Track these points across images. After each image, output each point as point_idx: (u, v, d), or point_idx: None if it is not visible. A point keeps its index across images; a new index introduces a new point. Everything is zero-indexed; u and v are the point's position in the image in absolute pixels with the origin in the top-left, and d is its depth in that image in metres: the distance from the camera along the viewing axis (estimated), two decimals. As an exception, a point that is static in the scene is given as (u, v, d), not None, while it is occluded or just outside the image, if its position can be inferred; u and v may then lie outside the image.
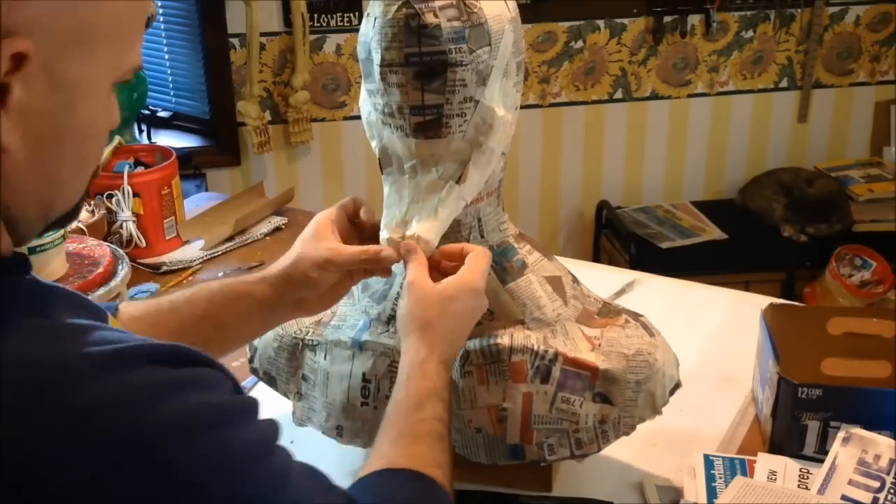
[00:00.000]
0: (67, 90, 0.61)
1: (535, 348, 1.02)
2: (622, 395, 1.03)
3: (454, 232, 1.03)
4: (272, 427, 0.67)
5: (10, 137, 0.59)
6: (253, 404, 0.66)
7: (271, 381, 1.15)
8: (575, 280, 1.12)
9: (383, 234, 0.98)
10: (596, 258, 3.10)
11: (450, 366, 0.93)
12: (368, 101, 1.00)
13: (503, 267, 1.05)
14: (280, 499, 0.64)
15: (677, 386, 1.09)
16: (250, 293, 0.98)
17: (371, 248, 0.97)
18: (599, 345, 1.04)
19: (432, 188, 0.97)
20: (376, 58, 0.94)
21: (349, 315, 1.11)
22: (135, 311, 0.97)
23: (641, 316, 1.12)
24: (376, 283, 1.09)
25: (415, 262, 0.94)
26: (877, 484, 1.06)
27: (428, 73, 0.93)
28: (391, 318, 1.07)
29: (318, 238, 0.98)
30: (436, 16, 0.91)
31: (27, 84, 0.58)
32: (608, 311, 1.10)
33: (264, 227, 1.91)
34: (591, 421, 1.03)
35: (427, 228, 0.96)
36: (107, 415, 0.57)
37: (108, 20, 0.62)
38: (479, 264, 0.95)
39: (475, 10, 0.93)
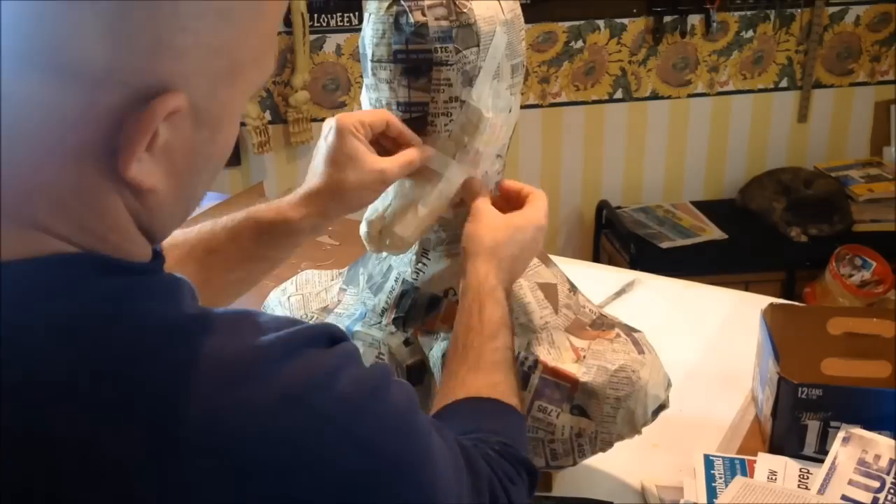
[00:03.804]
0: (212, 124, 0.60)
1: (516, 353, 1.01)
2: (600, 410, 1.01)
3: (444, 230, 1.04)
4: (407, 386, 0.70)
5: (155, 178, 0.58)
6: (386, 366, 0.70)
7: None
8: (573, 289, 1.10)
9: (363, 228, 0.99)
10: (596, 258, 3.10)
11: (510, 294, 0.95)
12: (366, 96, 1.01)
13: None
14: (431, 447, 0.67)
15: (662, 407, 1.06)
16: (300, 229, 0.96)
17: (415, 157, 0.95)
18: (585, 357, 1.03)
19: (415, 185, 0.98)
20: (368, 53, 0.96)
21: (351, 304, 1.12)
22: (178, 254, 0.95)
23: (638, 332, 1.10)
24: (378, 274, 1.10)
25: (481, 201, 0.97)
26: (877, 484, 1.06)
27: (414, 71, 0.94)
28: (384, 311, 1.07)
29: (359, 159, 0.94)
30: (424, 14, 0.92)
31: (174, 126, 0.57)
32: (601, 324, 1.08)
33: (264, 227, 1.90)
34: (568, 433, 1.02)
35: (404, 225, 0.97)
36: (295, 399, 0.59)
37: (256, 45, 0.61)
38: (542, 203, 0.98)
39: (465, 10, 0.93)
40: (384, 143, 0.97)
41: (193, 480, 0.55)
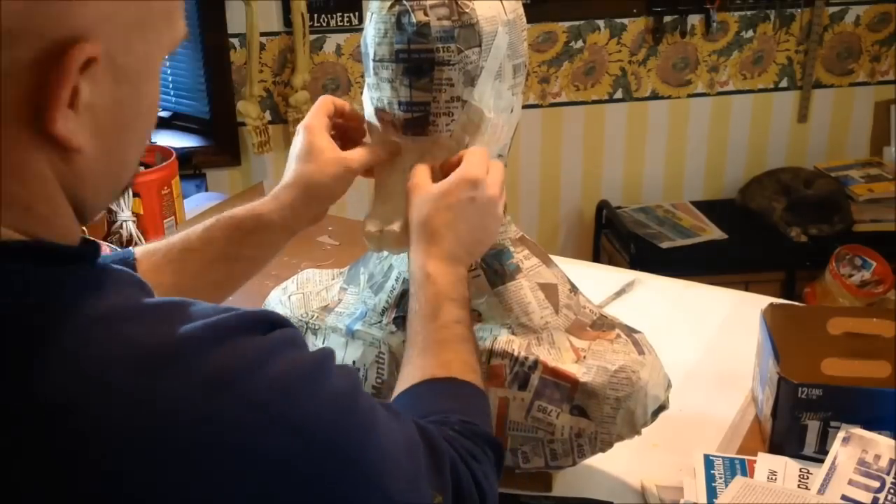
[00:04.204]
0: (132, 79, 0.61)
1: (516, 354, 1.01)
2: (600, 411, 1.01)
3: None
4: (350, 368, 0.71)
5: (81, 137, 0.58)
6: (330, 351, 0.69)
7: None
8: (573, 290, 1.10)
9: (364, 226, 1.00)
10: (596, 258, 3.10)
11: (462, 261, 0.94)
12: (368, 96, 1.02)
13: (494, 270, 1.05)
14: (375, 428, 0.67)
15: (662, 408, 1.06)
16: (271, 223, 0.98)
17: (381, 150, 1.00)
18: (585, 357, 1.03)
19: None
20: (370, 52, 0.97)
21: (351, 303, 1.12)
22: (154, 259, 0.97)
23: (638, 332, 1.10)
24: (378, 274, 1.10)
25: (418, 167, 0.97)
26: (877, 484, 1.06)
27: (415, 70, 0.95)
28: (385, 310, 1.07)
29: (322, 151, 0.99)
30: (426, 14, 0.93)
31: (94, 82, 0.58)
32: (602, 324, 1.08)
33: (264, 227, 1.90)
34: (567, 433, 1.02)
35: (405, 224, 0.97)
36: (221, 386, 0.58)
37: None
38: (472, 157, 0.95)
39: (467, 10, 0.93)
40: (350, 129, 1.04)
41: (126, 471, 0.55)
